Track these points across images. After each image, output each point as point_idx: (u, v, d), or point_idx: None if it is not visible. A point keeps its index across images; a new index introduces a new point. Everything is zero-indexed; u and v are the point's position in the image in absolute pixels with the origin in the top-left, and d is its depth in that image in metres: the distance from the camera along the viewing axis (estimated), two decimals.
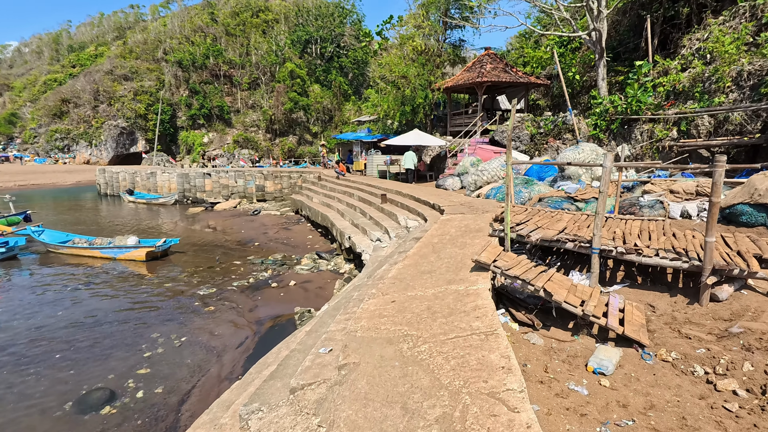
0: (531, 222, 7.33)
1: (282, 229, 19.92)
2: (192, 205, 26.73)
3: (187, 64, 51.10)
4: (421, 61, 20.62)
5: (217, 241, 18.31)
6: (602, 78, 16.09)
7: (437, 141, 18.85)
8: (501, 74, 19.12)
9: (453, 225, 8.47)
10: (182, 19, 56.01)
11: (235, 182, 26.21)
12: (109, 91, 49.42)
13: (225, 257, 15.92)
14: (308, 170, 26.59)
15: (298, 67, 51.35)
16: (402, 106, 20.33)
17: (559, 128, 16.47)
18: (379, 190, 16.14)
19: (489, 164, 12.89)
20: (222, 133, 51.88)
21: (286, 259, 15.48)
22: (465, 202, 11.19)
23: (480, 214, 9.37)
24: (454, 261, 6.01)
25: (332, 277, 13.11)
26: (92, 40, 63.27)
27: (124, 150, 49.48)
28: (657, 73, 13.48)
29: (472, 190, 13.07)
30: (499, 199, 11.17)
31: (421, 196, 12.97)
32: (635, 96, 12.05)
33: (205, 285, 13.02)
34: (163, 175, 28.23)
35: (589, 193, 9.89)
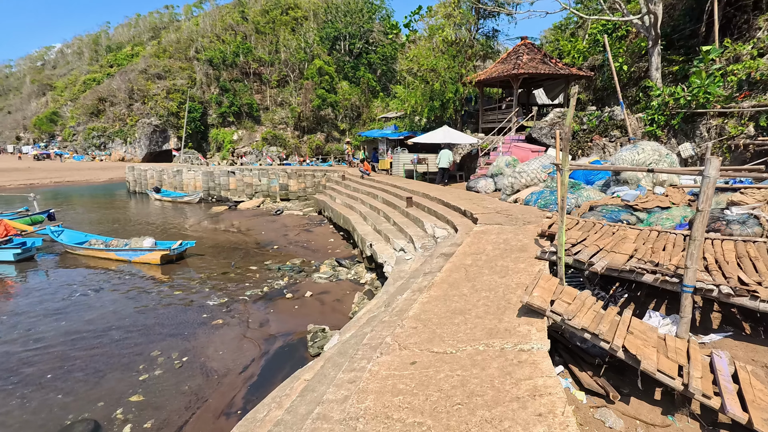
0: (589, 241, 5.81)
1: (303, 231, 18.82)
2: (216, 204, 26.04)
3: (218, 62, 50.94)
4: (451, 53, 19.04)
5: (236, 243, 17.36)
6: (656, 68, 14.16)
7: (468, 138, 17.29)
8: (539, 66, 17.34)
9: (489, 240, 7.03)
10: (214, 18, 55.94)
11: (258, 181, 25.34)
12: (143, 90, 49.79)
13: (241, 261, 14.92)
14: (332, 169, 25.47)
15: (326, 63, 50.42)
16: (430, 101, 18.82)
17: (605, 124, 14.64)
18: (404, 192, 14.76)
19: (528, 165, 11.30)
20: (251, 130, 51.58)
21: (305, 265, 14.34)
22: (501, 209, 9.68)
23: (520, 225, 7.87)
24: (494, 296, 4.59)
25: (351, 288, 11.86)
26: (129, 41, 64.19)
27: (156, 147, 49.77)
28: (726, 61, 11.56)
29: (507, 194, 11.52)
30: (540, 206, 9.60)
31: (451, 200, 11.51)
32: (702, 86, 10.22)
33: (216, 293, 12.02)
34: (188, 173, 27.68)
35: (651, 201, 8.23)
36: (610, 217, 7.92)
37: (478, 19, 20.23)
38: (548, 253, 5.49)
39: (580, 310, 3.92)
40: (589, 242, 5.75)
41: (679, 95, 10.76)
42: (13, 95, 66.98)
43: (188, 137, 49.86)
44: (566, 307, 3.94)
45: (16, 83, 70.56)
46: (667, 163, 8.85)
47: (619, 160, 8.93)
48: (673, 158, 8.96)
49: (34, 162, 47.55)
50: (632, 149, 8.95)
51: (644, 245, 5.67)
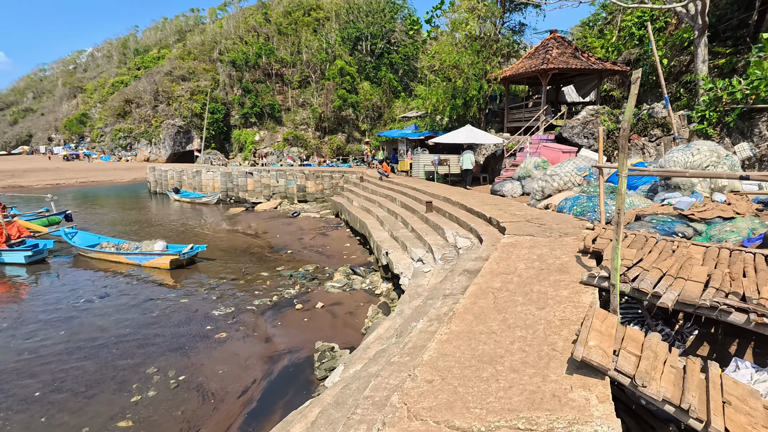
0: (647, 262, 4.70)
1: (319, 235, 17.99)
2: (234, 205, 25.52)
3: (241, 63, 50.86)
4: (475, 48, 17.87)
5: (250, 247, 16.66)
6: (703, 60, 12.75)
7: (492, 138, 16.13)
8: (570, 60, 16.04)
9: (520, 255, 5.97)
10: (237, 20, 55.99)
11: (276, 182, 24.67)
12: (167, 92, 50.10)
13: (253, 267, 14.19)
14: (351, 170, 24.59)
15: (347, 64, 49.72)
16: (453, 99, 17.69)
17: (644, 123, 13.29)
18: (424, 195, 13.74)
19: (560, 168, 10.13)
20: (273, 131, 51.31)
21: (318, 272, 13.50)
22: (531, 217, 8.57)
23: (556, 237, 6.77)
24: (533, 336, 3.56)
25: (366, 299, 10.93)
26: (156, 44, 64.98)
27: (180, 148, 50.00)
28: None
29: (537, 200, 10.38)
30: (576, 213, 8.45)
31: (474, 205, 10.44)
32: (763, 78, 8.89)
33: (224, 302, 11.29)
34: (207, 173, 27.28)
35: (711, 210, 7.00)
36: (662, 229, 6.74)
37: (504, 12, 18.99)
38: (597, 278, 4.42)
39: (654, 368, 2.87)
40: (647, 263, 4.64)
41: (735, 89, 9.43)
42: (46, 98, 68.74)
43: (211, 138, 49.96)
44: (634, 362, 2.89)
45: (49, 86, 72.41)
46: (727, 166, 7.60)
47: (670, 162, 7.73)
48: (734, 160, 7.70)
49: (63, 162, 48.36)
50: (685, 150, 7.72)
51: (718, 268, 4.53)
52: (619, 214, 4.04)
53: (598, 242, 5.62)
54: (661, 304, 3.69)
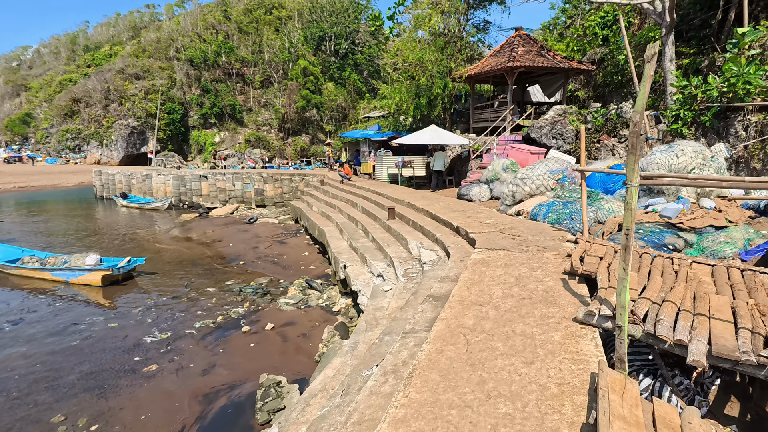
0: (652, 291, 3.72)
1: (276, 243, 16.58)
2: (187, 211, 23.65)
3: (199, 62, 48.40)
4: (439, 44, 16.94)
5: (198, 258, 15.08)
6: (670, 59, 12.23)
7: (458, 139, 15.23)
8: (536, 58, 15.33)
9: (495, 277, 4.92)
10: (195, 17, 53.35)
11: (232, 186, 22.99)
12: (119, 90, 47.03)
13: (199, 281, 12.71)
14: (312, 173, 23.24)
15: (311, 64, 48.22)
16: (416, 98, 16.71)
17: (613, 123, 12.68)
18: (386, 200, 12.64)
19: (531, 170, 9.24)
20: (234, 132, 49.11)
21: (272, 285, 12.17)
22: (503, 226, 7.60)
23: (534, 252, 5.78)
24: (524, 416, 2.48)
25: (322, 318, 9.71)
26: (108, 40, 61.10)
27: (134, 150, 47.06)
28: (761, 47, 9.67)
29: (508, 205, 9.45)
30: (552, 221, 7.53)
31: (440, 212, 9.41)
32: (741, 75, 8.29)
33: (159, 325, 9.81)
34: (158, 177, 25.23)
35: (700, 218, 6.20)
36: (651, 242, 5.87)
37: (468, 9, 18.17)
38: (597, 316, 3.39)
39: None
40: (653, 292, 3.67)
41: (711, 87, 8.80)
42: None
43: (168, 139, 47.36)
44: None
45: None
46: (713, 168, 6.85)
47: (652, 164, 6.91)
48: (720, 162, 6.98)
49: (3, 165, 44.48)
50: (668, 151, 6.94)
51: (738, 298, 3.60)
52: (629, 236, 3.01)
53: (586, 261, 4.63)
54: (693, 362, 2.68)
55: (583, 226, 5.69)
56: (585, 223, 5.71)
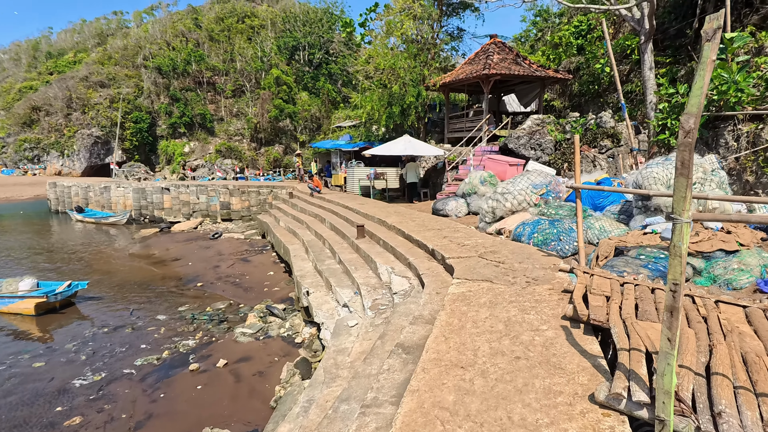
0: (687, 352, 2.76)
1: (239, 261, 15.25)
2: (148, 225, 21.97)
3: (168, 70, 46.47)
4: (411, 51, 16.10)
5: (152, 279, 13.64)
6: (650, 67, 11.66)
7: (433, 150, 14.35)
8: (512, 66, 14.66)
9: (479, 323, 3.90)
10: (164, 25, 51.47)
11: (197, 199, 21.48)
12: (83, 98, 44.63)
13: (149, 307, 11.35)
14: (281, 185, 21.96)
15: (284, 73, 46.98)
16: (389, 106, 15.78)
17: (593, 133, 12.00)
18: (356, 216, 11.57)
19: (513, 184, 8.34)
20: (204, 142, 47.21)
21: (230, 311, 10.91)
22: (484, 248, 6.62)
23: (523, 285, 4.80)
24: None
25: (282, 351, 8.51)
26: (72, 47, 58.29)
27: (98, 160, 44.65)
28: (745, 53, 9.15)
29: (488, 222, 8.51)
30: (538, 243, 6.61)
31: (413, 230, 8.39)
32: (731, 83, 7.65)
33: (94, 364, 8.46)
34: (117, 190, 23.48)
35: (708, 240, 5.37)
36: (656, 269, 4.98)
37: (442, 16, 17.43)
38: (627, 401, 2.40)
39: None
40: (690, 356, 2.71)
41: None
42: None
43: (135, 149, 45.25)
44: None
45: None
46: (715, 183, 6.07)
47: (648, 178, 6.08)
48: (721, 175, 6.21)
49: None
50: (665, 163, 6.13)
51: None
52: (675, 294, 2.03)
53: (592, 304, 3.66)
54: None
55: (580, 256, 4.75)
56: (581, 251, 4.78)
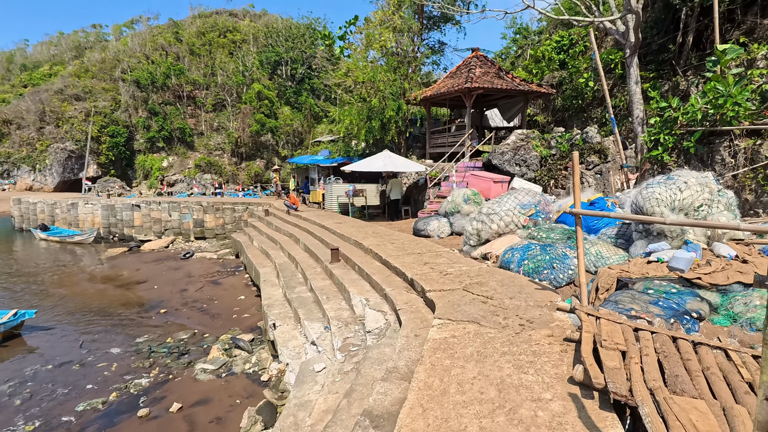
0: None
1: (209, 284, 14.16)
2: (117, 244, 20.67)
3: (146, 83, 45.31)
4: (392, 64, 15.48)
5: (111, 305, 12.46)
6: (636, 81, 11.21)
7: (414, 166, 13.64)
8: (495, 80, 14.14)
9: (466, 388, 3.07)
10: (144, 38, 50.43)
11: (168, 216, 20.30)
12: (57, 112, 43.03)
13: (102, 338, 10.24)
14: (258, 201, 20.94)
15: (266, 88, 46.28)
16: (368, 121, 15.06)
17: (578, 148, 11.45)
18: (332, 236, 10.70)
19: (499, 204, 7.61)
20: (183, 156, 45.91)
21: (193, 341, 9.86)
22: (469, 280, 5.83)
23: (516, 331, 4.00)
24: None
25: (246, 392, 7.50)
26: (48, 60, 56.56)
27: (72, 175, 42.83)
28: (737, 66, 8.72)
29: (472, 245, 7.74)
30: (528, 271, 5.85)
31: (392, 255, 7.57)
32: (728, 96, 7.13)
33: (30, 410, 7.35)
34: (86, 206, 22.13)
35: (722, 271, 4.67)
36: (668, 307, 4.24)
37: (422, 29, 16.93)
38: None
39: None
40: None
41: (695, 108, 7.60)
42: None
43: (111, 164, 43.80)
44: None
45: None
46: (723, 204, 5.43)
47: (650, 199, 5.40)
48: (729, 196, 5.57)
49: None
50: (668, 183, 5.47)
51: None
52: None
53: (607, 366, 2.86)
54: None
55: (581, 294, 3.98)
56: (583, 288, 4.01)
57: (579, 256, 4.09)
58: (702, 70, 13.01)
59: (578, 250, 4.12)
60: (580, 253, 4.10)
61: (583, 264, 4.13)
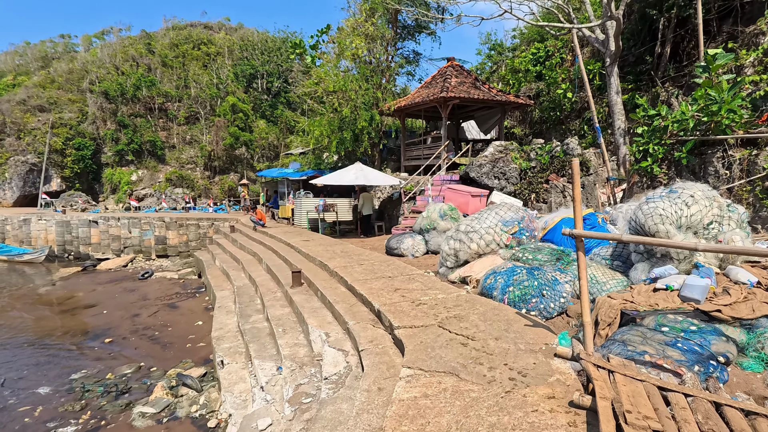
0: None
1: (165, 307, 12.82)
2: (72, 263, 19.00)
3: (115, 95, 43.53)
4: (364, 72, 14.69)
5: (51, 334, 11.02)
6: (617, 91, 10.67)
7: (387, 179, 12.75)
8: (471, 90, 13.48)
9: None
10: (114, 49, 48.73)
11: (128, 232, 18.80)
12: (18, 123, 40.76)
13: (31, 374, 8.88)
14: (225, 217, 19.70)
15: (241, 101, 45.14)
16: (339, 131, 14.14)
17: (560, 160, 10.79)
18: (298, 255, 9.66)
19: (479, 221, 6.75)
20: (154, 170, 44.02)
21: (136, 377, 8.60)
22: (446, 312, 4.90)
23: (506, 386, 3.08)
24: None
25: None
26: (12, 70, 53.91)
27: (33, 189, 40.39)
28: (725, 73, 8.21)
29: (449, 267, 6.83)
30: (514, 300, 4.97)
31: (359, 279, 6.59)
32: (721, 102, 6.52)
33: None
34: (39, 222, 20.41)
35: (745, 302, 3.87)
36: (691, 350, 3.39)
37: (396, 38, 16.23)
38: None
39: None
40: None
41: (686, 116, 6.97)
42: None
43: (75, 177, 41.73)
44: None
45: None
46: (734, 221, 4.68)
47: (653, 215, 4.62)
48: (740, 211, 4.84)
49: None
50: (671, 197, 4.70)
51: None
52: None
53: None
54: None
55: (585, 336, 3.10)
56: (587, 328, 3.13)
57: (582, 288, 3.21)
58: (679, 81, 12.66)
59: (581, 281, 3.24)
60: (583, 285, 3.22)
61: (587, 298, 3.24)
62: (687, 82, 11.97)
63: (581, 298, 3.29)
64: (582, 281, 3.25)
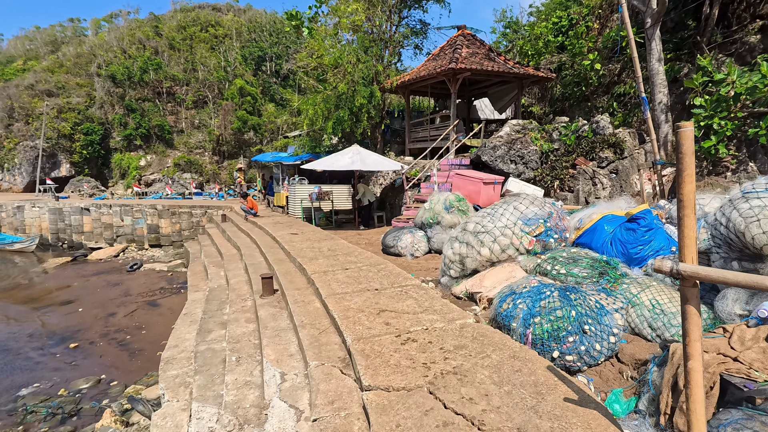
0: None
1: (145, 305, 11.58)
2: (64, 252, 17.97)
3: (123, 78, 42.34)
4: (362, 42, 12.91)
5: (15, 338, 9.85)
6: (658, 58, 8.79)
7: (389, 164, 11.13)
8: (484, 62, 11.68)
9: None
10: (122, 32, 47.43)
11: (120, 221, 17.62)
12: (26, 108, 39.98)
13: None
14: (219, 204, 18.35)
15: (249, 84, 43.56)
16: (336, 110, 12.46)
17: (588, 141, 9.02)
18: (280, 252, 8.20)
19: (492, 218, 5.15)
20: (162, 155, 43.02)
21: (91, 395, 7.36)
22: (442, 364, 3.38)
23: None
24: None
25: None
26: (23, 55, 53.03)
27: (43, 175, 39.81)
28: None
29: (453, 277, 5.27)
30: (540, 338, 3.38)
31: (335, 294, 5.09)
32: None
33: None
34: (32, 210, 19.38)
35: None
36: None
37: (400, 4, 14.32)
38: None
39: None
40: None
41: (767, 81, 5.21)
42: None
43: (84, 162, 41.02)
44: None
45: None
46: None
47: (761, 219, 2.99)
48: None
49: None
50: None
51: None
52: None
53: None
54: None
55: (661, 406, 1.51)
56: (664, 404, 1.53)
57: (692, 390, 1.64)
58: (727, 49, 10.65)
59: (689, 345, 1.67)
60: (694, 355, 1.64)
61: (701, 381, 1.68)
62: (737, 50, 10.01)
63: (690, 389, 1.72)
64: (693, 351, 1.67)
